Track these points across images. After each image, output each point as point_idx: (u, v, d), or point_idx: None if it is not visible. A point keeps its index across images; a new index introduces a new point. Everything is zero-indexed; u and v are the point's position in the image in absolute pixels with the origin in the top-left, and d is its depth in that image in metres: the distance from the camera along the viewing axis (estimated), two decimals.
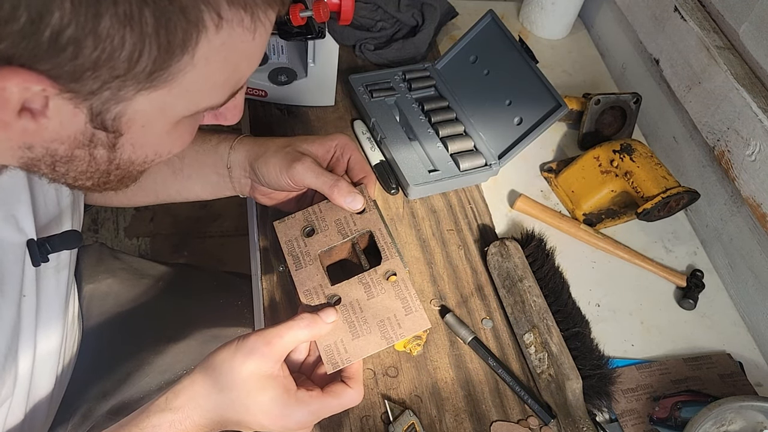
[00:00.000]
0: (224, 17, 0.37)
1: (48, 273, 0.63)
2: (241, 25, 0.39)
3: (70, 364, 0.78)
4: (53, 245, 0.57)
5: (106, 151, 0.43)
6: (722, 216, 0.89)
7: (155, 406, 0.54)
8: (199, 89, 0.41)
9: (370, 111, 0.91)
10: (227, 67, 0.41)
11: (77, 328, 0.81)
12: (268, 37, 0.43)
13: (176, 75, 0.38)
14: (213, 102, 0.44)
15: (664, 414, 0.71)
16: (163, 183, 0.73)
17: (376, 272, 0.63)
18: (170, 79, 0.38)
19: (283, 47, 0.93)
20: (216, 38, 0.38)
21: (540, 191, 0.94)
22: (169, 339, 0.86)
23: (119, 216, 1.84)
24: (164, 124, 0.43)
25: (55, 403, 0.75)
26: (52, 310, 0.65)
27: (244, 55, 0.42)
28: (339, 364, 0.58)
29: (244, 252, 0.90)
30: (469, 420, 0.68)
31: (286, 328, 0.55)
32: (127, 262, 0.94)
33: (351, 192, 0.63)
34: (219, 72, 0.41)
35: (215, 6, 0.37)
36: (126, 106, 0.39)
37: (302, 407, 0.54)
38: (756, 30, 0.81)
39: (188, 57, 0.38)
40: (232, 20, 0.38)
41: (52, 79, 0.36)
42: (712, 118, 0.86)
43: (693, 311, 0.84)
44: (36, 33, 0.33)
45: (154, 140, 0.45)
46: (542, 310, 0.73)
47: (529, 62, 0.87)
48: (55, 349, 0.68)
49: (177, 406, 0.54)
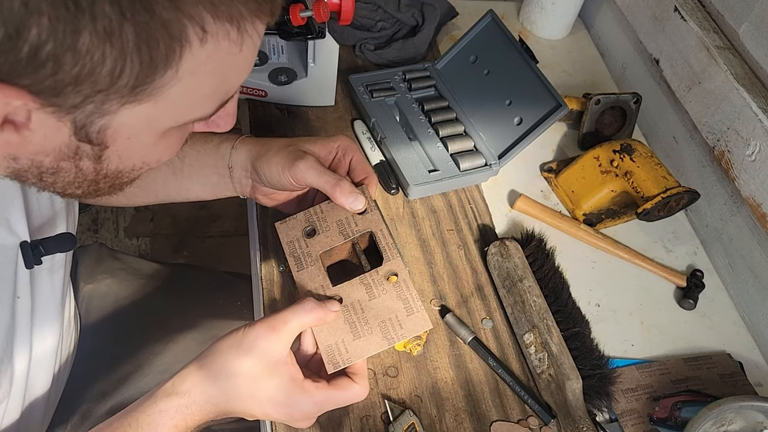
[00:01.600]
0: (209, 31, 0.37)
1: (42, 274, 0.63)
2: (227, 38, 0.38)
3: (67, 364, 0.78)
4: (47, 247, 0.58)
5: (92, 163, 0.43)
6: (722, 216, 0.89)
7: (162, 391, 0.54)
8: (185, 102, 0.41)
9: (370, 111, 0.91)
10: (214, 80, 0.41)
11: (74, 328, 0.81)
12: (257, 47, 0.42)
13: (161, 89, 0.38)
14: (201, 113, 0.44)
15: (664, 414, 0.71)
16: (163, 183, 0.73)
17: (378, 273, 0.63)
18: (155, 92, 0.38)
19: (283, 47, 0.93)
20: (201, 52, 0.37)
21: (540, 191, 0.94)
22: (168, 339, 0.86)
23: (119, 216, 1.84)
24: (151, 136, 0.43)
25: (53, 403, 0.75)
26: (48, 311, 0.65)
27: (231, 67, 0.41)
28: (340, 364, 0.58)
29: (244, 252, 0.90)
30: (469, 420, 0.68)
31: (291, 313, 0.56)
32: (126, 262, 0.94)
33: (353, 192, 0.63)
34: (206, 84, 0.41)
35: (199, 20, 0.36)
36: (110, 120, 0.39)
37: (307, 397, 0.55)
38: (756, 30, 0.81)
39: (172, 71, 0.37)
40: (218, 33, 0.37)
41: (33, 94, 0.35)
42: (712, 118, 0.86)
43: (693, 311, 0.84)
44: (14, 49, 0.33)
45: (141, 151, 0.44)
46: (542, 310, 0.73)
47: (529, 62, 0.87)
48: (51, 349, 0.68)
49: (184, 390, 0.54)
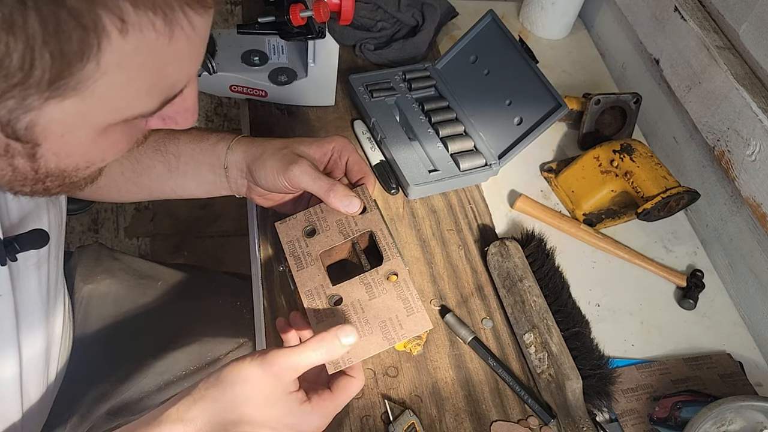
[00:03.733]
0: (129, 21, 0.35)
1: (28, 270, 0.61)
2: (152, 29, 0.36)
3: (62, 362, 0.77)
4: (21, 244, 0.56)
5: (27, 161, 0.42)
6: (722, 216, 0.89)
7: (167, 416, 0.53)
8: (118, 97, 0.39)
9: (370, 111, 0.91)
10: (148, 73, 0.39)
11: (69, 325, 0.80)
12: (201, 38, 0.40)
13: (84, 83, 0.36)
14: (142, 109, 0.42)
15: (664, 414, 0.71)
16: (157, 179, 0.72)
17: (378, 272, 0.63)
18: (79, 87, 0.37)
19: (283, 47, 0.94)
20: (125, 44, 0.36)
21: (540, 191, 0.94)
22: (167, 340, 0.86)
23: (119, 216, 1.84)
24: (87, 133, 0.41)
25: (49, 399, 0.74)
26: (34, 307, 0.64)
27: (166, 59, 0.39)
28: (341, 365, 0.58)
29: (244, 252, 0.90)
30: (469, 420, 0.68)
31: (301, 353, 0.54)
32: (125, 262, 0.94)
33: (347, 195, 0.63)
34: (139, 78, 0.39)
35: (116, 10, 0.34)
36: (37, 116, 0.38)
37: (316, 413, 0.56)
38: (756, 30, 0.81)
39: (93, 64, 0.36)
40: (140, 24, 0.36)
41: None
42: (712, 118, 0.86)
43: (693, 311, 0.84)
44: None
45: (80, 149, 0.43)
46: (542, 310, 0.73)
47: (529, 62, 0.87)
48: (41, 347, 0.67)
49: (191, 417, 0.53)
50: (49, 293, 0.67)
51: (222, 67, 0.88)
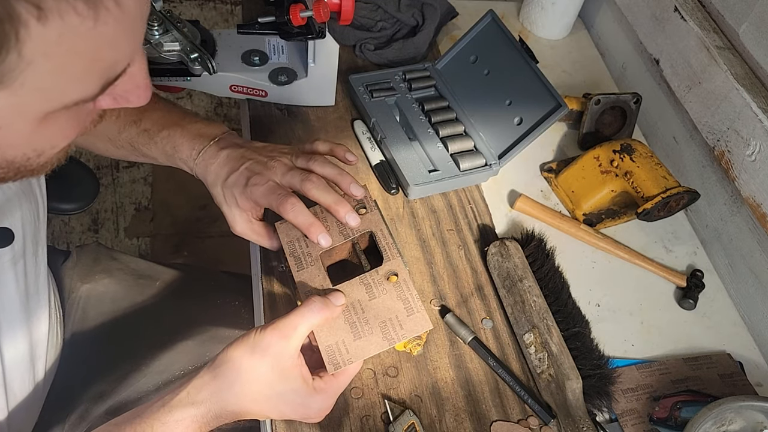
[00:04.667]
0: (46, 8, 0.33)
1: (4, 267, 0.61)
2: (74, 13, 0.34)
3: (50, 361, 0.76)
4: None
5: None
6: (722, 216, 0.89)
7: (177, 401, 0.55)
8: (51, 85, 0.37)
9: (370, 111, 0.91)
10: (79, 59, 0.37)
11: (58, 323, 0.79)
12: (132, 16, 0.38)
13: (10, 75, 0.35)
14: (81, 94, 0.40)
15: (664, 414, 0.71)
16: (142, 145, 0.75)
17: (378, 273, 0.63)
18: (5, 80, 0.35)
19: (283, 47, 0.93)
20: (46, 31, 0.34)
21: (540, 191, 0.94)
22: (166, 339, 0.86)
23: (119, 216, 1.84)
24: (26, 124, 0.40)
25: (38, 398, 0.74)
26: (13, 305, 0.63)
27: (96, 43, 0.37)
28: (341, 365, 0.58)
29: (243, 252, 0.90)
30: (469, 420, 0.68)
31: (299, 317, 0.56)
32: (124, 262, 0.94)
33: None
34: (70, 64, 0.37)
35: None
36: None
37: (320, 395, 0.57)
38: (756, 30, 0.81)
39: (14, 56, 0.34)
40: (59, 10, 0.34)
41: None
42: (712, 118, 0.86)
43: (693, 311, 0.84)
44: None
45: (22, 140, 0.42)
46: (542, 310, 0.73)
47: (529, 62, 0.87)
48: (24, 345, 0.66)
49: (200, 400, 0.55)
50: (28, 290, 0.66)
51: (222, 67, 0.88)
